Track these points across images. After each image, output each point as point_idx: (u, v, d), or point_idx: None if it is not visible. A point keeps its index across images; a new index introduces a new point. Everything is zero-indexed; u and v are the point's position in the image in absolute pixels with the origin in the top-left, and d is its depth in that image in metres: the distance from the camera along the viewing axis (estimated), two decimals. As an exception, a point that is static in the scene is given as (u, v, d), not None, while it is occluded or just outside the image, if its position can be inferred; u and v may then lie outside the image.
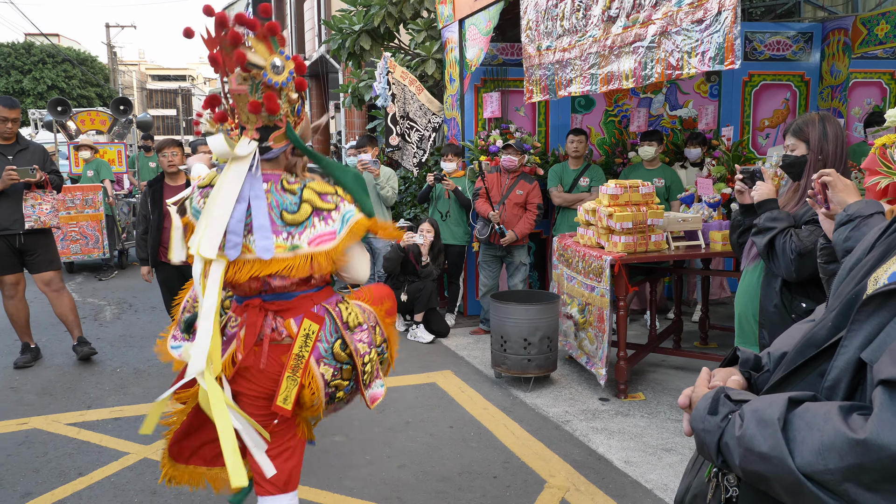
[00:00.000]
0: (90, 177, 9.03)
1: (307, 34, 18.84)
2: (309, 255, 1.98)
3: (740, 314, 2.84)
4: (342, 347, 2.11)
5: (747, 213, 2.79)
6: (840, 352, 1.01)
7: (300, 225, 1.98)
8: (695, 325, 5.94)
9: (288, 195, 2.00)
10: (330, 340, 2.09)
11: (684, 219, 4.64)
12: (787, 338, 1.27)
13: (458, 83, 6.56)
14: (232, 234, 1.97)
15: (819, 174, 1.98)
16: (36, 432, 4.12)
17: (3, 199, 4.97)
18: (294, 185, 2.02)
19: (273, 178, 2.03)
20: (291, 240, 1.98)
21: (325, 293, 2.16)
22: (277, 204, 1.99)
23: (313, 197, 2.01)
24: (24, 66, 30.09)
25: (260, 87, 1.97)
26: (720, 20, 3.42)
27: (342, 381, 2.12)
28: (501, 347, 4.72)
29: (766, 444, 0.96)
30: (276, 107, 1.95)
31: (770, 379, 1.17)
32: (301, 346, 2.05)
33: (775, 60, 6.71)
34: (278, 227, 1.98)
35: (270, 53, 1.97)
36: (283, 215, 1.98)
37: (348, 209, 2.05)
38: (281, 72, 1.97)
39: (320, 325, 2.09)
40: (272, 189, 2.01)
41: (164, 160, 5.02)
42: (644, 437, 3.90)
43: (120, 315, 7.11)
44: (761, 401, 1.03)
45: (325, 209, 2.01)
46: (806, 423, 0.94)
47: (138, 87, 54.62)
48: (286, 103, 2.02)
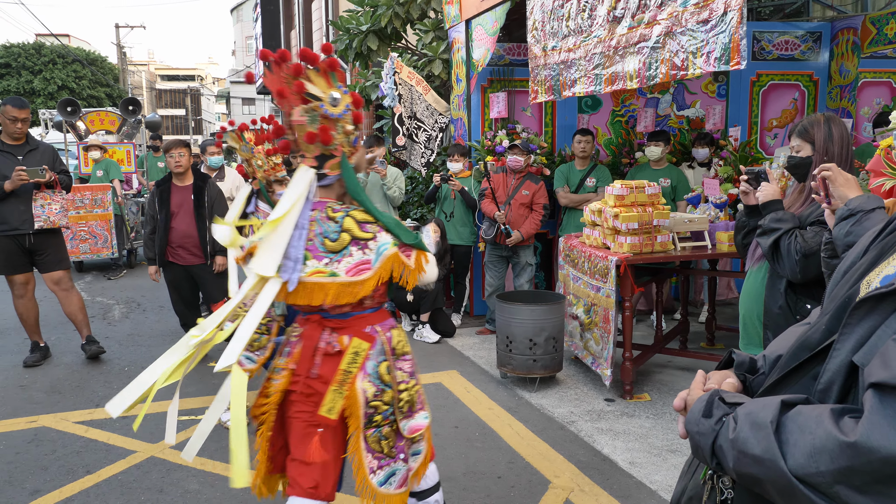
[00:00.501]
0: (99, 177, 9.09)
1: (315, 34, 18.88)
2: (346, 283, 2.11)
3: (745, 315, 2.83)
4: (387, 370, 2.22)
5: (752, 214, 2.78)
6: (832, 355, 1.01)
7: (338, 253, 2.12)
8: (701, 326, 5.92)
9: (331, 223, 2.14)
10: (378, 360, 2.21)
11: (690, 219, 4.63)
12: (783, 340, 1.27)
13: (464, 83, 6.56)
14: (287, 259, 2.11)
15: (819, 169, 1.97)
16: (45, 430, 4.15)
17: (13, 199, 5.01)
18: (337, 213, 2.16)
19: (320, 205, 2.18)
20: (331, 266, 2.12)
21: (379, 315, 2.29)
22: (321, 231, 2.13)
23: (353, 226, 2.14)
24: (34, 67, 30.29)
25: (318, 119, 2.11)
26: (726, 20, 3.41)
27: (382, 403, 2.19)
28: (507, 348, 4.72)
29: (759, 446, 0.96)
30: (329, 138, 2.10)
31: (765, 382, 1.17)
32: (349, 362, 2.16)
33: (784, 60, 6.67)
34: (320, 252, 2.12)
35: (329, 87, 2.12)
36: (324, 242, 2.12)
37: (384, 241, 2.16)
38: (338, 104, 2.12)
39: (371, 344, 2.21)
40: (318, 217, 2.15)
41: (172, 161, 5.05)
42: (649, 438, 3.90)
43: (128, 314, 7.16)
44: (755, 404, 1.03)
45: (363, 238, 2.14)
46: (798, 426, 0.94)
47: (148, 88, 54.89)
48: (342, 134, 2.16)
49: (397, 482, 2.25)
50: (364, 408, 2.16)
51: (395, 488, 2.24)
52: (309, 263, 2.12)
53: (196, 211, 5.03)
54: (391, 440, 2.23)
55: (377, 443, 2.20)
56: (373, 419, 2.18)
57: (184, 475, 3.56)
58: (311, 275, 2.11)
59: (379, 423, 2.19)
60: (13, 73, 29.99)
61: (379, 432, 2.20)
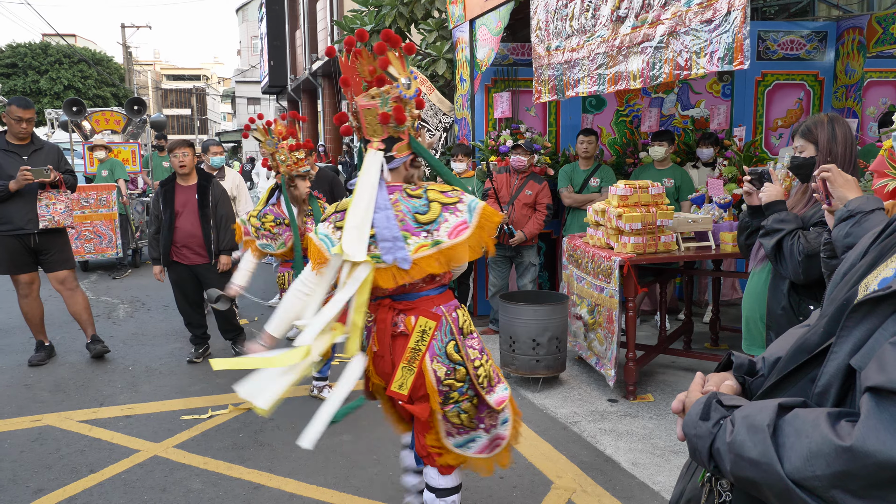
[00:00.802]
0: (104, 176, 9.11)
1: (319, 34, 18.90)
2: (452, 246, 2.15)
3: (748, 316, 2.82)
4: (455, 349, 2.25)
5: (755, 214, 2.77)
6: (830, 358, 1.01)
7: (434, 222, 2.18)
8: (705, 327, 5.91)
9: (415, 200, 2.21)
10: (444, 340, 2.25)
11: (694, 220, 4.61)
12: (782, 342, 1.27)
13: (468, 83, 6.56)
14: (384, 241, 2.16)
15: (819, 170, 1.96)
16: (49, 429, 4.17)
17: (18, 199, 5.02)
18: (417, 190, 2.24)
19: (397, 188, 2.24)
20: (432, 236, 2.16)
21: (445, 296, 2.34)
22: (409, 209, 2.19)
23: (438, 196, 2.22)
24: (40, 67, 30.45)
25: (390, 101, 2.18)
26: (729, 20, 3.40)
27: (455, 381, 2.24)
28: (510, 348, 4.72)
29: (756, 450, 0.96)
30: (403, 117, 2.18)
31: (763, 384, 1.17)
32: (417, 340, 2.22)
33: (789, 60, 6.65)
34: (414, 228, 2.17)
35: (404, 69, 2.21)
36: (416, 218, 2.18)
37: (471, 198, 2.25)
38: (410, 87, 2.20)
39: (437, 323, 2.25)
40: (400, 198, 2.21)
41: (176, 161, 5.05)
42: (652, 439, 3.89)
43: (133, 313, 7.18)
44: (752, 407, 1.03)
45: (451, 203, 2.21)
46: (795, 430, 0.94)
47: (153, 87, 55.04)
48: (410, 117, 2.23)
49: (477, 448, 2.36)
50: (438, 386, 2.22)
51: (475, 452, 2.36)
52: (411, 241, 2.16)
53: (200, 211, 5.04)
54: (471, 413, 2.31)
55: (457, 416, 2.28)
56: (449, 396, 2.24)
57: (187, 474, 3.57)
58: (417, 250, 2.15)
59: (457, 398, 2.26)
60: (20, 72, 30.16)
61: (458, 407, 2.27)
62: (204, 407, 4.43)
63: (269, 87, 25.81)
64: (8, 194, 4.94)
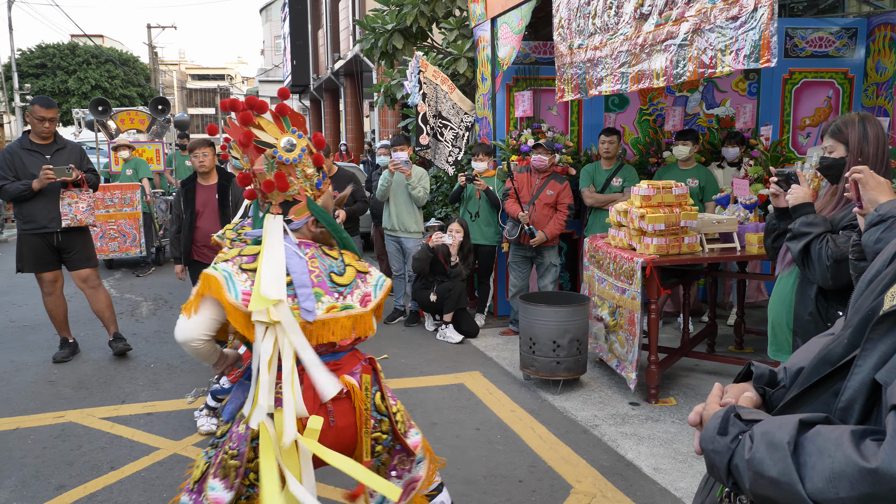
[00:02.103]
0: (129, 175, 9.21)
1: (342, 34, 18.96)
2: (361, 314, 2.12)
3: (774, 321, 2.75)
4: (381, 399, 2.19)
5: (782, 216, 2.70)
6: (854, 371, 0.96)
7: (348, 286, 2.14)
8: (730, 329, 5.81)
9: (332, 259, 2.16)
10: (372, 391, 2.18)
11: (719, 220, 4.53)
12: (805, 352, 1.21)
13: (489, 82, 6.51)
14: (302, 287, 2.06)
15: (850, 171, 1.89)
16: (71, 426, 4.21)
17: (41, 198, 5.08)
18: (333, 251, 2.19)
19: (313, 245, 2.18)
20: (343, 300, 2.11)
21: (358, 352, 2.28)
22: (326, 267, 2.13)
23: (352, 261, 2.20)
24: (69, 67, 30.96)
25: (273, 166, 2.10)
26: (756, 17, 3.32)
27: (381, 433, 2.17)
28: (530, 349, 4.67)
29: (776, 468, 0.92)
30: (285, 185, 2.09)
31: (785, 396, 1.12)
32: (364, 398, 2.14)
33: (817, 57, 6.51)
34: (328, 287, 2.11)
35: (282, 132, 2.11)
36: (332, 277, 2.12)
37: (378, 274, 2.24)
38: (292, 149, 2.09)
39: (371, 376, 2.20)
40: (317, 254, 2.15)
41: (196, 160, 5.07)
42: (674, 444, 3.82)
43: (156, 311, 7.24)
44: (772, 422, 0.98)
45: (362, 272, 2.20)
46: (817, 448, 0.89)
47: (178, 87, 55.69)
48: (302, 178, 2.14)
49: None
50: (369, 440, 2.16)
51: None
52: (324, 300, 2.08)
53: (220, 210, 5.05)
54: (386, 463, 2.26)
55: (376, 469, 2.22)
56: (374, 450, 2.17)
57: (205, 473, 3.57)
58: (328, 311, 2.08)
59: (379, 452, 2.19)
60: (48, 73, 30.69)
61: (378, 460, 2.21)
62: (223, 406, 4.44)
63: (291, 87, 25.95)
64: (31, 193, 5.00)
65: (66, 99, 30.13)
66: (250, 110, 2.07)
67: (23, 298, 7.78)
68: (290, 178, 2.10)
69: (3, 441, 3.98)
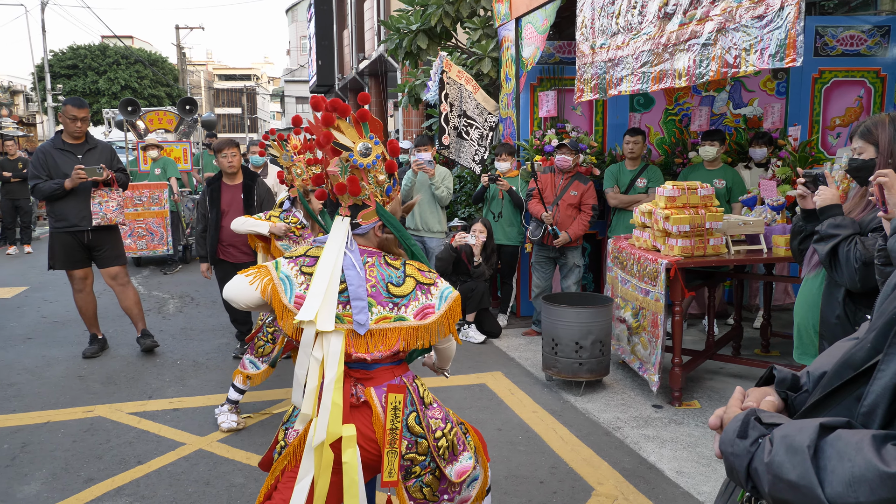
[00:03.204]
0: (157, 175, 9.36)
1: (367, 34, 19.05)
2: (415, 327, 2.10)
3: (800, 324, 2.71)
4: (416, 421, 2.16)
5: (809, 218, 2.66)
6: (877, 376, 0.95)
7: (406, 297, 2.12)
8: (756, 332, 5.74)
9: (392, 269, 2.14)
10: (406, 412, 2.15)
11: (745, 222, 4.48)
12: (828, 356, 1.20)
13: (513, 82, 6.51)
14: (357, 299, 2.07)
15: (875, 174, 1.86)
16: (100, 420, 4.29)
17: (73, 197, 5.19)
18: (396, 261, 2.17)
19: (376, 254, 2.17)
20: (397, 311, 2.10)
21: (403, 367, 2.24)
22: (384, 277, 2.12)
23: (415, 272, 2.17)
24: (99, 68, 31.53)
25: (348, 169, 2.11)
26: (782, 16, 3.28)
27: (417, 455, 2.15)
28: (552, 350, 4.66)
29: (795, 472, 0.91)
30: (357, 189, 2.10)
31: (807, 400, 1.11)
32: (392, 419, 2.11)
33: (848, 56, 6.39)
34: (383, 297, 2.10)
35: (360, 137, 2.12)
36: (388, 288, 2.11)
37: (445, 286, 2.19)
38: (367, 154, 2.10)
39: (404, 396, 2.16)
40: (376, 263, 2.15)
41: (225, 161, 5.13)
42: (698, 447, 3.79)
43: (182, 308, 7.35)
44: (792, 426, 0.97)
45: (426, 283, 2.16)
46: (837, 452, 0.89)
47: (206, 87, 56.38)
48: (374, 184, 2.15)
49: None
50: (399, 461, 2.13)
51: None
52: (374, 310, 2.08)
53: (246, 210, 5.11)
54: (433, 486, 2.20)
55: (419, 491, 2.18)
56: (411, 471, 2.15)
57: (230, 469, 3.63)
58: (377, 321, 2.08)
59: (419, 473, 2.16)
60: (80, 73, 31.28)
61: (420, 481, 2.17)
62: (247, 402, 4.49)
63: (316, 87, 26.14)
64: (63, 192, 5.11)
65: (96, 99, 30.69)
66: (333, 112, 2.09)
67: (54, 295, 7.94)
68: (363, 182, 2.12)
69: (35, 434, 4.08)
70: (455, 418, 2.32)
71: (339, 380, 2.07)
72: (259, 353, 4.09)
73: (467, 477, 2.26)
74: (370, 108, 19.39)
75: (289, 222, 4.29)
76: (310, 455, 2.08)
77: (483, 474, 2.36)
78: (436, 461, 2.17)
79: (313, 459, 2.07)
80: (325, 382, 2.06)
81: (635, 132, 5.96)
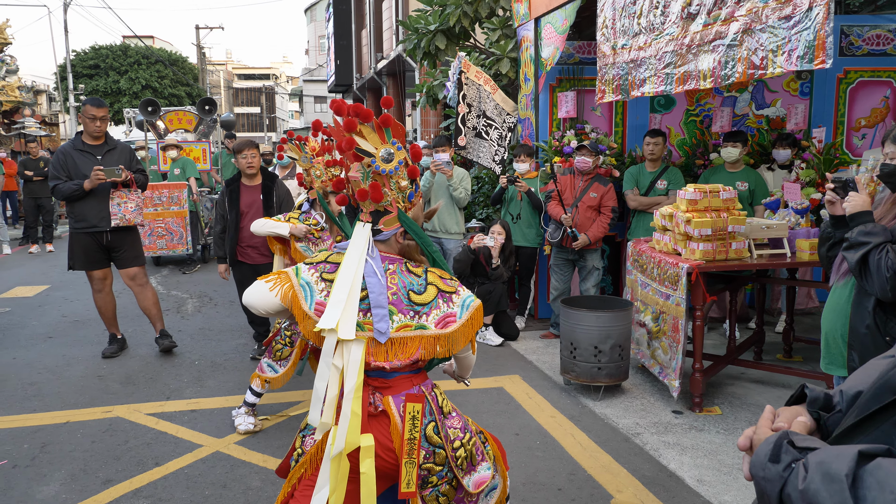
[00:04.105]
0: (177, 175, 9.41)
1: (385, 33, 19.06)
2: (436, 336, 2.06)
3: (827, 333, 2.64)
4: (434, 431, 2.13)
5: (838, 224, 2.59)
6: None
7: (427, 305, 2.08)
8: (778, 337, 5.65)
9: (413, 276, 2.11)
10: (424, 422, 2.12)
11: (768, 226, 4.40)
12: (864, 374, 1.15)
13: (532, 83, 6.46)
14: (377, 307, 2.04)
15: None
16: (119, 421, 4.31)
17: (92, 198, 5.22)
18: (418, 268, 2.14)
19: (397, 260, 2.14)
20: (418, 319, 2.06)
21: (421, 376, 2.21)
22: (405, 285, 2.08)
23: (436, 279, 2.12)
24: (120, 68, 31.85)
25: (370, 175, 2.08)
26: (811, 16, 3.20)
27: (434, 465, 2.12)
28: (571, 354, 4.61)
29: (832, 501, 0.87)
30: (379, 196, 2.07)
31: (842, 422, 1.06)
32: (410, 428, 2.08)
33: (874, 56, 6.28)
34: (404, 305, 2.07)
35: (382, 143, 2.09)
36: (410, 295, 2.08)
37: (467, 294, 2.14)
38: (390, 160, 2.07)
39: (422, 405, 2.12)
40: (398, 270, 2.11)
41: (244, 161, 5.13)
42: (719, 455, 3.72)
43: (201, 308, 7.38)
44: (828, 452, 0.93)
45: (447, 291, 2.12)
46: (878, 482, 0.84)
47: (225, 86, 56.78)
48: (396, 190, 2.11)
49: None
50: (417, 471, 2.10)
51: None
52: (395, 318, 2.05)
53: (265, 212, 5.11)
54: (450, 496, 2.17)
55: (435, 500, 2.15)
56: (428, 480, 2.12)
57: (247, 471, 3.62)
58: (398, 329, 2.05)
59: (435, 482, 2.13)
60: (101, 73, 31.62)
61: (437, 490, 2.14)
62: (265, 404, 4.49)
63: (335, 86, 26.20)
64: (83, 193, 5.14)
65: (117, 98, 31.01)
66: (355, 117, 2.05)
67: (75, 294, 8.02)
68: (385, 188, 2.08)
69: (55, 434, 4.10)
70: (474, 427, 2.29)
71: (358, 389, 2.05)
72: (277, 356, 4.08)
73: (485, 487, 2.23)
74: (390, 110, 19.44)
75: (308, 224, 4.28)
76: (328, 465, 2.06)
77: (502, 483, 2.33)
78: (453, 471, 2.14)
79: (330, 470, 2.05)
80: (346, 391, 2.04)
81: (655, 133, 5.89)
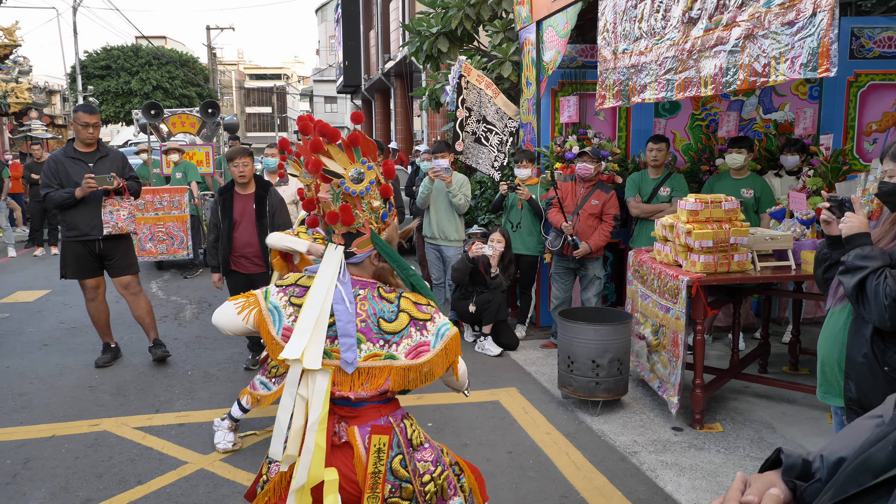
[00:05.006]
0: (178, 179, 9.36)
1: (392, 34, 18.98)
2: (406, 367, 1.97)
3: (823, 360, 2.50)
4: (401, 464, 2.04)
5: (835, 245, 2.46)
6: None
7: (397, 334, 1.99)
8: (784, 348, 5.48)
9: (385, 303, 2.01)
10: (391, 455, 2.03)
11: (772, 237, 4.25)
12: (848, 437, 1.03)
13: (534, 87, 6.33)
14: (345, 336, 1.96)
15: None
16: (105, 435, 4.24)
17: (84, 206, 5.15)
18: (391, 293, 2.04)
19: (370, 285, 2.05)
20: (388, 348, 1.98)
21: (392, 405, 2.11)
22: (375, 312, 2.00)
23: (410, 306, 2.03)
24: (132, 68, 31.97)
25: (340, 196, 2.00)
26: (815, 22, 3.06)
27: (401, 499, 2.02)
28: (568, 368, 4.49)
29: None
30: (350, 218, 1.99)
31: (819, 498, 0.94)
32: (375, 461, 2.00)
33: (886, 58, 6.09)
34: (373, 334, 1.98)
35: (352, 162, 2.00)
36: (380, 323, 1.99)
37: (443, 322, 2.05)
38: (360, 180, 1.99)
39: (389, 437, 2.03)
40: (368, 296, 2.02)
41: (236, 170, 5.02)
42: (718, 476, 3.59)
43: (199, 314, 7.32)
44: None
45: (421, 319, 2.02)
46: None
47: (236, 86, 56.96)
48: (368, 211, 2.04)
49: None
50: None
51: None
52: (363, 347, 1.96)
53: (258, 221, 5.02)
54: None
55: None
56: None
57: (230, 491, 3.53)
58: (366, 359, 1.96)
59: None
60: (113, 74, 31.75)
61: None
62: (253, 418, 4.41)
63: (343, 87, 26.18)
64: (74, 201, 5.07)
65: (128, 99, 31.14)
66: (322, 137, 1.98)
67: (75, 299, 7.97)
68: (356, 210, 2.01)
69: (39, 449, 4.04)
70: (448, 459, 2.19)
71: (323, 420, 1.95)
72: (271, 374, 3.98)
73: None
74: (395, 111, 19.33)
75: (314, 239, 4.18)
76: (292, 498, 1.97)
77: None
78: None
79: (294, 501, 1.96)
80: (309, 423, 1.95)
81: (658, 139, 5.75)
